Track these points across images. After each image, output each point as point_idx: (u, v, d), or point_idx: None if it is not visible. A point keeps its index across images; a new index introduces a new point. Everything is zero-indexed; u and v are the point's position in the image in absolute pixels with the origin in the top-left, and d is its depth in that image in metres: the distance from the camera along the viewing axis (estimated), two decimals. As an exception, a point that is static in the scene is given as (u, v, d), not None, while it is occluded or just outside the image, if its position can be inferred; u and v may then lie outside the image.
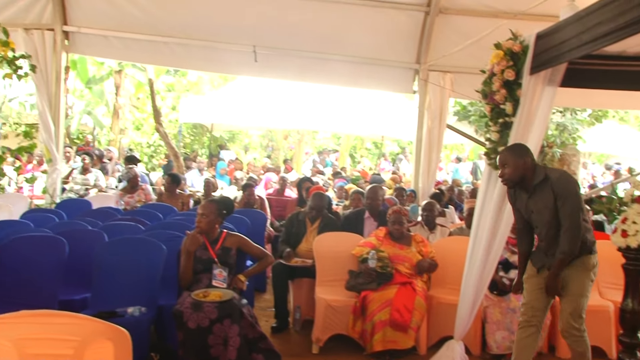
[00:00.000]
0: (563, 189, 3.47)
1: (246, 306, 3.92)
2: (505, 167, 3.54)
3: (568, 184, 3.51)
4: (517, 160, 3.50)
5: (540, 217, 3.57)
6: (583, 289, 3.54)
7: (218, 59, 7.72)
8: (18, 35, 6.85)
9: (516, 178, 3.53)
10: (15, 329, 2.07)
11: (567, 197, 3.45)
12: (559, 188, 3.46)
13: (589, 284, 3.57)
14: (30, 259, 4.16)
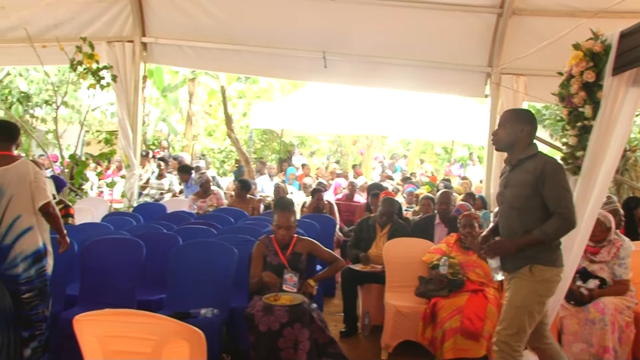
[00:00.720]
0: (553, 171, 3.17)
1: (316, 310, 3.94)
2: (501, 128, 3.34)
3: (560, 171, 3.22)
4: (516, 125, 3.28)
5: (512, 192, 3.28)
6: (525, 303, 3.18)
7: (288, 66, 7.83)
8: (101, 48, 7.22)
9: (507, 142, 3.31)
10: (100, 326, 2.18)
11: (555, 181, 3.14)
12: (549, 172, 3.16)
13: (534, 299, 3.18)
14: (111, 260, 4.36)
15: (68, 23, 7.53)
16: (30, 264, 3.58)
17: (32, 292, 3.60)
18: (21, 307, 3.57)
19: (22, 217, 3.57)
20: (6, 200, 3.52)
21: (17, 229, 3.55)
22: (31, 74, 13.34)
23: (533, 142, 3.33)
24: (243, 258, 4.37)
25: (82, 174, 7.35)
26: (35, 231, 3.62)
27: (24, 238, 3.57)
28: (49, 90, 13.05)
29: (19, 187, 3.55)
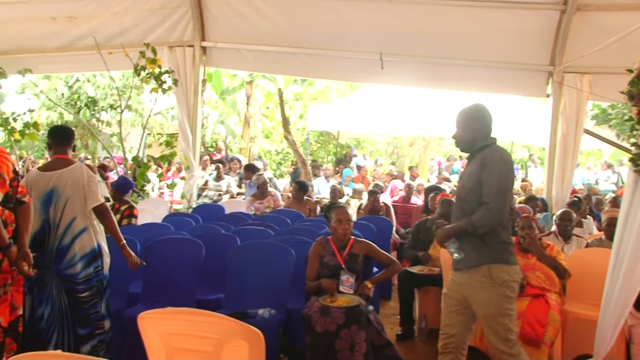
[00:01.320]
0: (495, 161, 3.11)
1: (373, 312, 3.92)
2: (457, 129, 3.35)
3: (501, 162, 3.13)
4: (470, 123, 3.31)
5: (462, 185, 3.30)
6: (497, 309, 3.14)
7: (345, 68, 7.83)
8: (163, 53, 7.44)
9: (466, 141, 3.32)
10: (162, 324, 2.24)
11: (494, 171, 3.08)
12: (490, 159, 3.12)
13: (504, 301, 3.14)
14: (172, 260, 4.47)
15: (132, 30, 7.80)
16: (87, 264, 3.70)
17: (90, 290, 3.71)
18: (78, 306, 3.69)
19: (77, 219, 3.69)
20: (62, 203, 3.66)
21: (73, 230, 3.68)
22: (98, 79, 13.86)
23: (490, 134, 3.31)
24: (300, 259, 4.40)
25: (144, 175, 7.56)
26: (90, 232, 3.74)
27: (80, 239, 3.70)
28: (114, 95, 13.53)
29: (73, 190, 3.68)
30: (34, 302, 3.65)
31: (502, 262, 3.16)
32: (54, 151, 3.83)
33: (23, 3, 7.74)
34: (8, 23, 7.98)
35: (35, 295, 3.65)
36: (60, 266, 3.63)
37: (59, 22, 7.95)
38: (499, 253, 3.16)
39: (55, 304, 3.67)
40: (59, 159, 3.78)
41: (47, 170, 3.74)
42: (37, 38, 8.08)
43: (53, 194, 3.65)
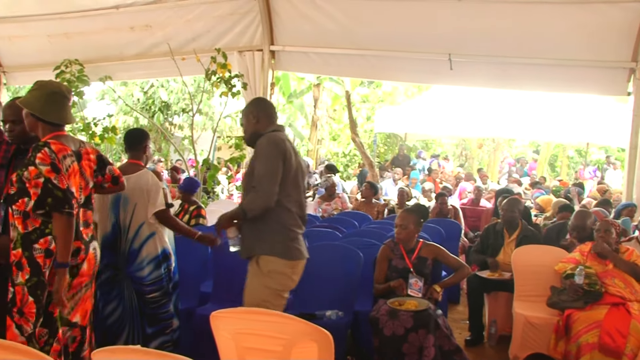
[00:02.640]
0: (262, 147, 3.17)
1: (441, 317, 3.87)
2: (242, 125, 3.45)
3: (268, 147, 3.16)
4: (248, 117, 3.37)
5: (244, 175, 3.37)
6: (255, 298, 3.17)
7: (413, 69, 7.75)
8: (233, 57, 7.61)
9: (248, 135, 3.38)
10: (233, 323, 2.29)
11: (262, 156, 3.14)
12: (259, 146, 3.19)
13: (264, 292, 3.16)
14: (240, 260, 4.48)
15: (204, 36, 8.02)
16: (156, 266, 3.79)
17: (158, 292, 3.80)
18: (146, 306, 3.80)
19: (145, 224, 3.78)
20: (131, 208, 3.75)
21: (142, 234, 3.77)
22: (171, 84, 14.35)
23: (270, 125, 3.33)
24: (368, 262, 4.39)
25: (214, 177, 7.75)
26: (157, 237, 3.81)
27: (148, 243, 3.78)
28: (186, 99, 13.96)
29: (140, 196, 3.76)
30: (103, 299, 3.79)
31: (277, 254, 3.20)
32: (129, 155, 3.97)
33: (104, 15, 8.15)
34: (90, 34, 8.42)
35: (104, 294, 3.80)
36: (131, 268, 3.75)
37: (136, 31, 8.30)
38: (275, 244, 3.20)
39: (126, 303, 3.79)
40: (131, 164, 3.90)
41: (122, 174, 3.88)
42: (116, 47, 8.47)
43: (121, 199, 3.75)
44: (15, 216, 2.88)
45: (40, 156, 2.83)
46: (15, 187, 2.86)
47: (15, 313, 2.91)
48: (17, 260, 2.87)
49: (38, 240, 2.87)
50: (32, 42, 8.84)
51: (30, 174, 2.82)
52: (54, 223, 2.84)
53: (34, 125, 3.00)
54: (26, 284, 2.86)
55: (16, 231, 2.89)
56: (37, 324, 2.88)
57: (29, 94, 3.03)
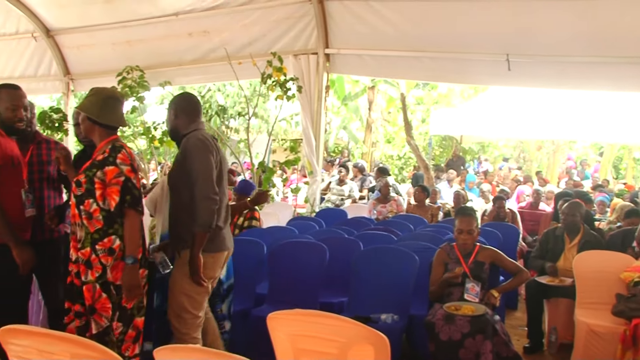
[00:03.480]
0: (193, 146, 3.22)
1: (499, 322, 3.79)
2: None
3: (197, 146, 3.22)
4: (169, 114, 3.46)
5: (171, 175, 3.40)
6: (177, 286, 3.27)
7: (469, 71, 7.60)
8: (288, 61, 7.68)
9: (170, 131, 3.49)
10: (290, 325, 2.31)
11: (196, 156, 3.19)
12: (187, 147, 3.24)
13: (185, 280, 3.22)
14: (296, 262, 4.59)
15: (260, 40, 8.15)
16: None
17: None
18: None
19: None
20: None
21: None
22: (227, 88, 14.63)
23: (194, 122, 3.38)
24: (423, 265, 4.35)
25: (270, 180, 7.85)
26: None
27: None
28: (242, 103, 14.20)
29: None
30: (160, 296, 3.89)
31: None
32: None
33: (164, 22, 8.42)
34: (151, 40, 8.72)
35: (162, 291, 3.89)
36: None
37: (194, 37, 8.53)
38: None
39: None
40: None
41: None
42: (175, 53, 8.73)
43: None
44: (83, 216, 3.01)
45: (121, 157, 3.00)
46: (84, 188, 3.00)
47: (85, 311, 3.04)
48: (86, 259, 3.00)
49: (102, 240, 2.99)
50: (98, 51, 9.25)
51: (109, 174, 2.98)
52: (128, 220, 3.00)
53: (91, 129, 3.14)
54: (97, 282, 2.99)
55: (84, 231, 3.02)
56: (114, 317, 3.02)
57: (86, 100, 3.18)
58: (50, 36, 9.35)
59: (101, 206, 2.99)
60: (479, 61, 7.45)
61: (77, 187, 3.03)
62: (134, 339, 3.11)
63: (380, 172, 10.00)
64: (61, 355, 1.92)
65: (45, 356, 1.94)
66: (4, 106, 3.42)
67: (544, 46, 7.04)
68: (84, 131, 3.22)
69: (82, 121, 3.19)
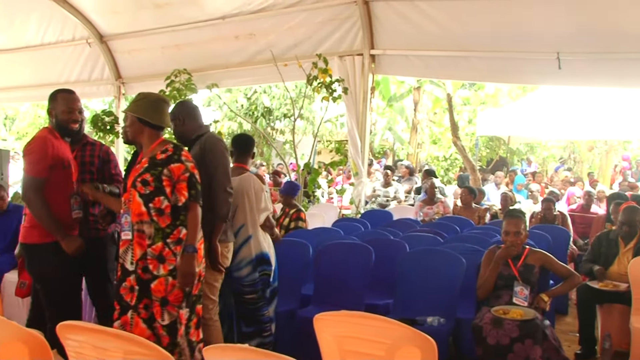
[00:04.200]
0: (213, 144, 3.59)
1: (549, 327, 3.70)
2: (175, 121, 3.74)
3: (217, 142, 3.64)
4: (175, 120, 3.68)
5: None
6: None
7: (518, 70, 7.44)
8: (334, 62, 7.70)
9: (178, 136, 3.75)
10: (336, 326, 2.32)
11: (216, 153, 3.57)
12: (209, 143, 3.59)
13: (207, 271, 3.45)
14: (342, 264, 4.60)
15: (305, 42, 8.19)
16: (253, 269, 3.93)
17: (255, 294, 3.94)
18: (244, 306, 3.95)
19: (245, 226, 3.93)
20: (233, 210, 3.86)
21: (241, 237, 3.92)
22: (273, 90, 14.76)
23: (202, 125, 3.77)
24: (470, 268, 4.28)
25: (315, 181, 7.88)
26: (256, 239, 3.96)
27: (246, 245, 3.93)
28: (287, 105, 14.30)
29: (242, 199, 3.92)
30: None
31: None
32: (234, 159, 4.13)
33: (211, 26, 8.56)
34: (199, 44, 8.89)
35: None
36: (231, 267, 3.88)
37: (241, 40, 8.64)
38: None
39: (225, 300, 3.93)
40: (236, 167, 4.06)
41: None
42: (222, 55, 8.87)
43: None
44: (153, 213, 3.14)
45: (185, 154, 3.21)
46: (152, 186, 3.14)
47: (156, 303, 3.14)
48: (157, 254, 3.14)
49: (172, 234, 3.16)
50: (147, 55, 9.49)
51: (176, 171, 3.16)
52: (191, 212, 3.19)
53: (140, 131, 3.28)
54: (170, 275, 3.13)
55: (154, 227, 3.14)
56: (182, 305, 3.17)
57: (135, 104, 3.31)
58: (104, 42, 9.64)
59: (171, 202, 3.15)
60: (528, 60, 7.29)
61: (143, 185, 3.15)
62: (197, 325, 3.27)
63: (427, 173, 9.93)
64: (114, 352, 1.98)
65: (100, 352, 2.01)
66: (60, 109, 3.57)
67: (596, 43, 6.83)
68: (132, 133, 3.34)
69: (131, 124, 3.30)
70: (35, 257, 3.51)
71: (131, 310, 3.16)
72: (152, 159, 3.19)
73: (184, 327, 3.18)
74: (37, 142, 3.48)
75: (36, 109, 19.77)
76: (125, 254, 3.21)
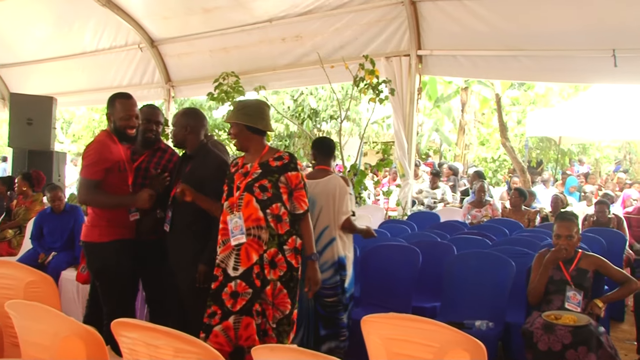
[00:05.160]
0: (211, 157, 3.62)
1: (604, 335, 3.57)
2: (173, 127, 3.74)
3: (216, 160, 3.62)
4: (181, 120, 3.67)
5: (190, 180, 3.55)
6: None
7: (570, 68, 7.22)
8: (380, 63, 7.65)
9: (179, 138, 3.70)
10: (384, 328, 2.31)
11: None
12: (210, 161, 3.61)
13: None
14: (389, 265, 4.58)
15: (352, 43, 8.18)
16: (335, 272, 3.94)
17: (334, 297, 3.95)
18: (323, 309, 3.96)
19: (328, 229, 3.95)
20: (317, 211, 3.92)
21: (325, 238, 3.93)
22: (320, 92, 14.81)
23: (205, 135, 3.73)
24: (520, 271, 4.19)
25: (362, 182, 7.86)
26: (338, 242, 3.97)
27: (329, 248, 3.94)
28: (334, 106, 14.32)
29: (326, 201, 3.94)
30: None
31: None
32: (317, 161, 4.18)
33: (258, 28, 8.66)
34: (247, 47, 9.02)
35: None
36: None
37: (287, 42, 8.71)
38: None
39: (303, 304, 3.89)
40: (320, 169, 4.11)
41: (310, 179, 4.03)
42: (269, 58, 8.95)
43: (309, 202, 3.97)
44: (270, 219, 3.23)
45: (299, 164, 3.32)
46: (270, 192, 3.23)
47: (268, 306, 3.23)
48: (270, 259, 3.23)
49: (287, 241, 3.25)
50: (196, 58, 9.67)
51: (293, 179, 3.28)
52: (304, 221, 3.32)
53: (249, 138, 3.35)
54: (280, 280, 3.23)
55: (270, 232, 3.24)
56: (293, 310, 3.28)
57: (240, 112, 3.37)
58: (154, 46, 9.87)
59: (288, 209, 3.25)
60: (582, 58, 7.07)
61: (262, 192, 3.25)
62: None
63: (476, 175, 9.79)
64: (165, 349, 2.02)
65: (151, 349, 2.05)
66: (118, 116, 3.64)
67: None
68: (241, 142, 3.38)
69: (239, 132, 3.36)
70: (95, 255, 3.62)
71: (234, 315, 3.22)
72: (265, 165, 3.29)
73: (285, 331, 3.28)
74: (94, 145, 3.59)
75: (91, 112, 20.41)
76: (228, 259, 3.27)
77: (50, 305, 2.36)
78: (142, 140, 3.89)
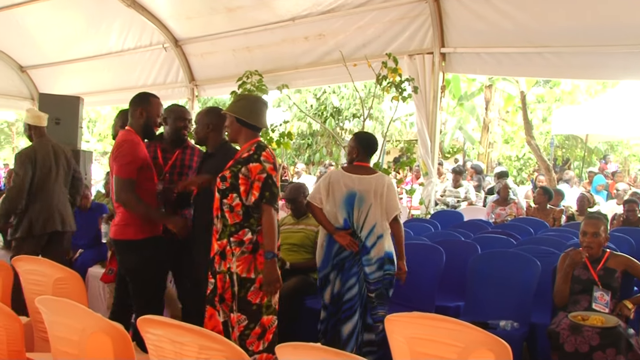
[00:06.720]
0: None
1: (635, 337, 3.50)
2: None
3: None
4: (203, 118, 3.71)
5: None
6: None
7: (598, 65, 7.06)
8: (403, 61, 7.61)
9: (201, 136, 3.76)
10: (408, 328, 2.30)
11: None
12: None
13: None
14: (413, 264, 4.52)
15: (375, 41, 8.15)
16: (378, 268, 3.98)
17: (376, 292, 3.99)
18: (368, 300, 4.02)
19: (377, 225, 4.01)
20: (366, 208, 3.99)
21: (374, 235, 3.99)
22: (342, 90, 14.80)
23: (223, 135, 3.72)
24: (545, 271, 4.14)
25: (384, 181, 7.81)
26: (385, 239, 4.02)
27: (379, 243, 3.99)
28: (356, 105, 14.30)
29: (375, 198, 3.99)
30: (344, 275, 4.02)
31: None
32: (358, 157, 4.19)
33: (281, 27, 8.68)
34: (269, 46, 9.05)
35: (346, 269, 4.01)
36: (362, 263, 3.99)
37: (310, 41, 8.71)
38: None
39: (361, 285, 4.01)
40: (360, 166, 4.15)
41: (351, 173, 4.09)
42: (292, 57, 8.97)
43: (356, 198, 4.00)
44: (225, 209, 3.24)
45: (265, 155, 3.23)
46: (228, 182, 3.23)
47: (216, 301, 3.26)
48: (221, 250, 3.24)
49: (237, 233, 3.22)
50: (220, 57, 9.73)
51: (253, 170, 3.21)
52: (265, 215, 3.21)
53: (238, 131, 3.38)
54: (227, 272, 3.22)
55: (223, 223, 3.24)
56: (233, 308, 3.23)
57: (234, 104, 3.44)
58: (178, 46, 9.96)
59: (243, 201, 3.21)
60: (610, 54, 6.91)
61: (221, 181, 3.26)
62: (259, 336, 3.24)
63: (500, 174, 9.71)
64: (190, 346, 2.04)
65: (177, 346, 2.08)
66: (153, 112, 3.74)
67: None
68: (231, 133, 3.45)
69: (230, 124, 3.41)
70: (132, 252, 3.64)
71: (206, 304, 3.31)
72: (239, 157, 3.31)
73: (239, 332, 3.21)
74: (128, 144, 3.61)
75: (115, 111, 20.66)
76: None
77: (78, 301, 2.40)
78: (175, 138, 4.02)
